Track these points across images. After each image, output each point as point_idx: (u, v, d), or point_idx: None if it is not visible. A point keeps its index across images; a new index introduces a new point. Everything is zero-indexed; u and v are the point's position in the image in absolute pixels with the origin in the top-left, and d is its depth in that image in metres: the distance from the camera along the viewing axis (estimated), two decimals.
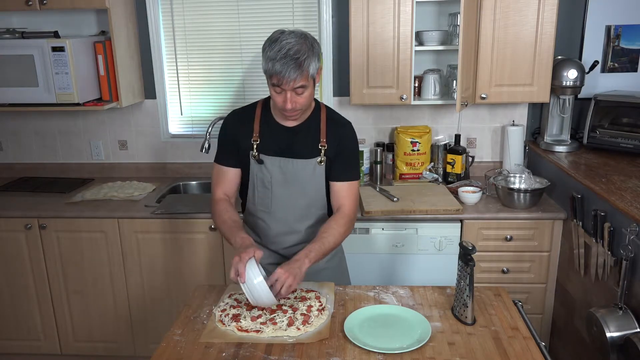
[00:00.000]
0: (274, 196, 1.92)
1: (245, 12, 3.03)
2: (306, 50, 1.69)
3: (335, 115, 1.96)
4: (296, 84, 1.70)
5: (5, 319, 2.95)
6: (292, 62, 1.66)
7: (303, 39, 1.72)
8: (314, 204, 1.95)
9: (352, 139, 1.94)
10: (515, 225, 2.59)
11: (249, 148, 1.90)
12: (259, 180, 1.92)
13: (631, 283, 1.95)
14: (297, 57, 1.67)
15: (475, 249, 1.62)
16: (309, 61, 1.70)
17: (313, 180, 1.90)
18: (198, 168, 3.28)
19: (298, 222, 1.95)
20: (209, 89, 3.19)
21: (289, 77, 1.67)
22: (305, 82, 1.72)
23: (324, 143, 1.88)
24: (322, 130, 1.89)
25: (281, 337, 1.58)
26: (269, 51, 1.70)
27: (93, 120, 3.26)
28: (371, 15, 2.67)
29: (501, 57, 2.70)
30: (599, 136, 2.76)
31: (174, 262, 2.78)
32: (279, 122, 1.89)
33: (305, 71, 1.69)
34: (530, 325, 1.66)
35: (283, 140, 1.89)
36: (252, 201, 1.97)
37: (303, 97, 1.75)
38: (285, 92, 1.72)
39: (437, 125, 3.13)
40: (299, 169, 1.89)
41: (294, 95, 1.73)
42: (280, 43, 1.69)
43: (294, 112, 1.79)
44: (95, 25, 3.08)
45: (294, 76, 1.67)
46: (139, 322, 2.90)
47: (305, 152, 1.88)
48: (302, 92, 1.74)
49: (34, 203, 2.85)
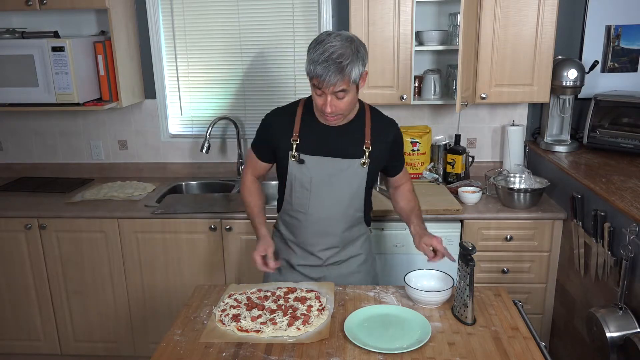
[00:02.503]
0: (312, 197, 1.91)
1: (245, 12, 3.03)
2: (350, 54, 1.67)
3: (382, 116, 1.97)
4: (336, 88, 1.69)
5: (5, 319, 2.95)
6: (333, 66, 1.64)
7: (349, 42, 1.69)
8: (352, 205, 1.94)
9: (401, 137, 2.03)
10: (515, 225, 2.59)
11: (288, 148, 1.89)
12: (298, 181, 1.90)
13: (631, 283, 1.95)
14: (340, 62, 1.65)
15: (475, 249, 1.62)
16: (352, 66, 1.67)
17: (355, 181, 1.89)
18: (198, 168, 3.28)
19: (334, 224, 1.94)
20: (209, 89, 3.19)
21: (329, 82, 1.66)
22: (346, 87, 1.69)
23: (368, 145, 1.87)
24: (366, 132, 1.88)
25: (281, 337, 1.58)
26: (313, 53, 1.69)
27: (93, 120, 3.26)
28: (371, 15, 2.67)
29: (501, 57, 2.70)
30: (599, 136, 2.76)
31: (174, 262, 2.78)
32: (320, 121, 1.88)
33: (347, 76, 1.67)
34: (530, 325, 1.66)
35: (326, 139, 1.87)
36: (289, 201, 1.97)
37: (344, 102, 1.74)
38: (326, 95, 1.71)
39: (437, 125, 3.13)
40: (342, 168, 1.87)
41: (334, 99, 1.72)
42: (324, 46, 1.67)
43: (334, 117, 1.78)
44: (95, 25, 3.08)
45: (335, 80, 1.66)
46: (139, 322, 2.90)
47: (349, 152, 1.87)
48: (343, 96, 1.72)
49: (34, 203, 2.85)
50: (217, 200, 2.85)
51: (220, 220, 2.68)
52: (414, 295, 1.75)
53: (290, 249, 2.04)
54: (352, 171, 1.88)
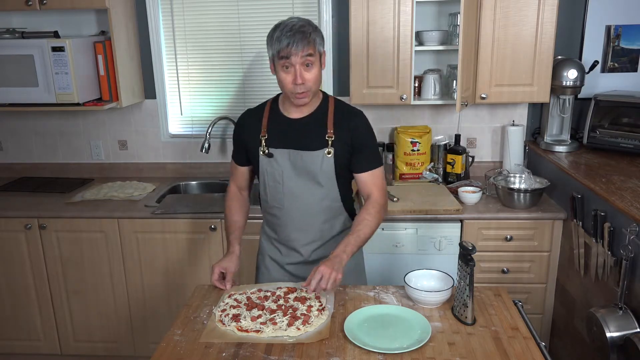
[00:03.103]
0: (285, 190, 1.93)
1: (245, 12, 3.03)
2: (310, 26, 1.78)
3: (345, 106, 1.95)
4: (304, 52, 1.74)
5: (5, 319, 2.95)
6: (299, 34, 1.74)
7: (306, 20, 1.81)
8: (327, 196, 1.94)
9: (366, 127, 1.93)
10: (515, 225, 2.59)
11: (257, 145, 1.93)
12: (270, 175, 1.94)
13: (631, 283, 1.95)
14: (304, 30, 1.75)
15: (475, 249, 1.62)
16: (314, 35, 1.78)
17: (322, 172, 1.90)
18: (198, 168, 3.28)
19: (312, 217, 1.96)
20: (209, 89, 3.19)
21: (297, 47, 1.73)
22: (312, 52, 1.76)
23: (330, 134, 1.88)
24: (329, 121, 1.89)
25: (281, 337, 1.58)
26: (275, 33, 1.77)
27: (93, 120, 3.26)
28: (371, 15, 2.67)
29: (501, 57, 2.70)
30: (599, 136, 2.76)
31: (174, 262, 2.78)
32: (286, 115, 1.92)
33: (312, 42, 1.76)
34: (530, 325, 1.65)
35: (291, 132, 1.90)
36: (265, 199, 2.01)
37: (312, 74, 1.79)
38: (294, 68, 1.76)
39: (437, 125, 3.13)
40: (308, 161, 1.89)
41: (302, 71, 1.77)
42: (285, 23, 1.77)
43: (304, 93, 1.80)
44: (95, 25, 3.08)
45: (302, 45, 1.73)
46: (139, 322, 2.90)
47: (313, 144, 1.89)
48: (310, 66, 1.78)
49: (34, 203, 2.85)
50: (217, 200, 2.85)
51: (220, 220, 2.68)
52: (414, 295, 1.75)
53: (276, 248, 2.07)
54: (319, 162, 1.89)
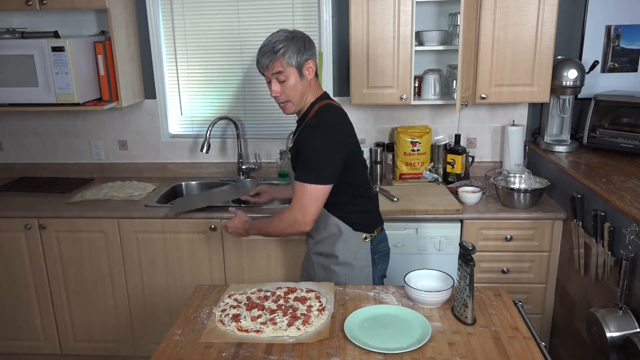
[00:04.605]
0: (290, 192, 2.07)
1: (245, 12, 3.03)
2: (284, 41, 1.87)
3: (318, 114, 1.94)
4: (274, 70, 1.88)
5: (5, 319, 2.95)
6: (268, 51, 1.87)
7: (287, 33, 1.90)
8: None
9: (307, 139, 1.90)
10: (515, 225, 2.59)
11: None
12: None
13: (631, 283, 1.95)
14: (273, 47, 1.86)
15: (475, 249, 1.62)
16: (285, 50, 1.86)
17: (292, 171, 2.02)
18: (198, 168, 3.28)
19: None
20: (209, 89, 3.19)
21: (264, 63, 1.88)
22: (280, 69, 1.87)
23: (295, 138, 2.00)
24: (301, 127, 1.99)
25: (281, 337, 1.58)
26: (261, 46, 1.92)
27: (93, 120, 3.26)
28: (371, 15, 2.67)
29: (501, 57, 2.70)
30: (599, 136, 2.76)
31: (174, 262, 2.78)
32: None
33: (280, 58, 1.86)
34: (530, 325, 1.66)
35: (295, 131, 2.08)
36: None
37: (287, 87, 1.91)
38: (273, 81, 1.90)
39: (437, 125, 3.13)
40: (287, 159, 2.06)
41: (275, 84, 1.90)
42: (266, 39, 1.91)
43: (282, 104, 1.96)
44: (95, 25, 3.08)
45: (267, 61, 1.87)
46: (139, 322, 2.90)
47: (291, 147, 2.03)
48: (284, 80, 1.89)
49: (34, 203, 2.85)
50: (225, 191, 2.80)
51: (220, 220, 2.68)
52: (414, 295, 1.75)
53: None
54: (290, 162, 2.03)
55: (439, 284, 1.81)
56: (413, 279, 1.81)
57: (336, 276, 2.06)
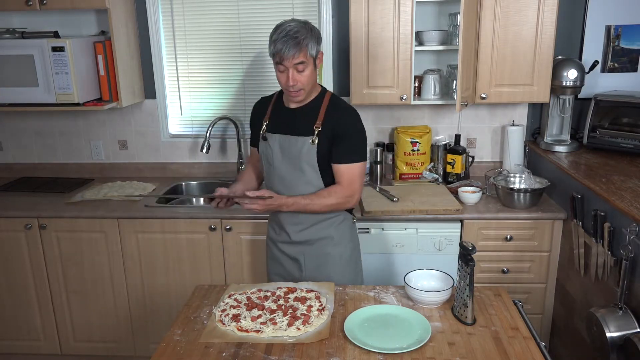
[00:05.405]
0: (274, 172, 2.09)
1: (245, 12, 3.03)
2: (305, 32, 1.91)
3: (340, 102, 2.08)
4: (295, 60, 1.89)
5: (5, 319, 2.95)
6: (291, 41, 1.87)
7: (303, 23, 1.94)
8: (309, 183, 2.06)
9: (350, 123, 2.02)
10: (515, 225, 2.59)
11: (261, 130, 2.13)
12: (264, 157, 2.13)
13: (631, 283, 1.95)
14: (297, 37, 1.88)
15: (475, 249, 1.62)
16: (307, 41, 1.91)
17: (305, 156, 2.02)
18: (198, 168, 3.28)
19: None
20: (209, 89, 3.19)
21: (289, 53, 1.88)
22: (304, 59, 1.91)
23: (318, 125, 2.01)
24: (320, 113, 2.02)
25: (281, 337, 1.58)
26: (273, 35, 1.92)
27: (93, 120, 3.26)
28: (371, 15, 2.67)
29: (501, 57, 2.70)
30: (599, 136, 2.76)
31: (174, 262, 2.78)
32: (285, 105, 2.09)
33: (304, 49, 1.89)
34: (530, 325, 1.66)
35: (286, 120, 2.07)
36: (265, 180, 2.20)
37: (304, 76, 1.94)
38: (288, 70, 1.92)
39: (437, 125, 3.13)
40: (292, 144, 2.03)
41: (295, 73, 1.92)
42: (282, 27, 1.91)
43: (296, 92, 1.97)
44: (95, 25, 3.08)
45: (293, 52, 1.88)
46: (139, 322, 2.90)
47: (302, 131, 2.03)
48: (303, 69, 1.93)
49: (34, 203, 2.85)
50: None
51: (220, 220, 2.69)
52: (414, 295, 1.75)
53: (272, 228, 2.23)
54: (304, 148, 2.02)
55: (439, 284, 1.81)
56: (413, 279, 1.82)
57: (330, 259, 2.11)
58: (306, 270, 2.13)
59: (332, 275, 2.10)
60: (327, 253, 2.11)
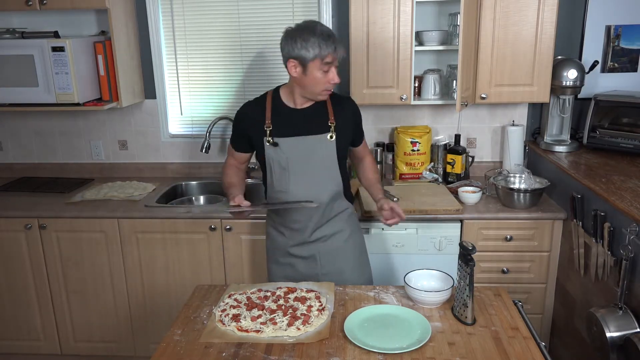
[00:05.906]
0: (291, 175, 2.07)
1: (245, 12, 3.03)
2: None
3: (336, 95, 2.17)
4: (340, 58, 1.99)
5: (5, 319, 2.95)
6: (335, 39, 1.95)
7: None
8: (329, 179, 2.10)
9: (356, 108, 2.22)
10: (515, 225, 2.59)
11: (262, 135, 2.07)
12: (276, 163, 2.08)
13: (631, 283, 1.95)
14: (334, 35, 1.97)
15: (475, 249, 1.62)
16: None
17: (326, 155, 2.07)
18: (198, 168, 3.28)
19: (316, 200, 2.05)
20: (209, 89, 3.19)
21: (340, 51, 1.96)
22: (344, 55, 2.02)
23: (332, 121, 2.08)
24: (329, 109, 2.09)
25: (281, 337, 1.58)
26: (312, 37, 1.91)
27: (93, 120, 3.26)
28: (371, 15, 2.67)
29: (501, 57, 2.70)
30: (599, 136, 2.76)
31: (174, 262, 2.78)
32: (288, 105, 2.08)
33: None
34: (530, 325, 1.66)
35: (296, 120, 2.07)
36: (271, 184, 2.13)
37: None
38: (333, 70, 1.98)
39: (437, 125, 3.13)
40: (313, 144, 2.06)
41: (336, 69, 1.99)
42: (315, 28, 1.94)
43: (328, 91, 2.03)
44: (95, 25, 3.08)
45: (342, 49, 1.97)
46: (139, 322, 2.90)
47: (317, 129, 2.06)
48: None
49: (34, 203, 2.85)
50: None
51: (220, 220, 2.69)
52: (414, 295, 1.75)
53: (281, 233, 2.18)
54: (322, 146, 2.06)
55: (439, 284, 1.81)
56: (413, 279, 1.82)
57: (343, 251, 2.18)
58: (322, 266, 2.16)
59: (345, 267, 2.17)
60: (340, 246, 2.17)
